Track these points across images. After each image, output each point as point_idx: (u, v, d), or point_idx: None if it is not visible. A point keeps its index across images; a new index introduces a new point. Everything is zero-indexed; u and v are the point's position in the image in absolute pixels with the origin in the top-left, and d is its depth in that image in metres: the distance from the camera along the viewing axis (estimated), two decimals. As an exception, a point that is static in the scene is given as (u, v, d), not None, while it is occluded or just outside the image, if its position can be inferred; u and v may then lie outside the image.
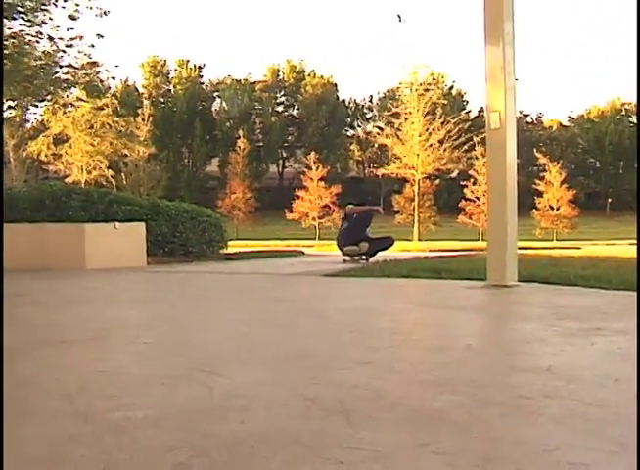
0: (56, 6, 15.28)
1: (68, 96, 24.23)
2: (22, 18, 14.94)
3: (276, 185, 76.29)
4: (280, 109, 79.02)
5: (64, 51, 16.08)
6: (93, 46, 16.64)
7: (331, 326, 3.97)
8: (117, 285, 7.46)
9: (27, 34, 15.28)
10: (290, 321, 4.21)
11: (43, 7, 15.10)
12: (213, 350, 3.19)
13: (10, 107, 19.19)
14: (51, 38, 15.73)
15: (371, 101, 79.46)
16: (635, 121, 63.74)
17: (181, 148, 73.00)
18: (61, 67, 16.40)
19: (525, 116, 77.43)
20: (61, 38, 15.89)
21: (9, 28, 14.91)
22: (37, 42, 15.60)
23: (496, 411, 2.02)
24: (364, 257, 11.28)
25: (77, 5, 15.48)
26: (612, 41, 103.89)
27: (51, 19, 15.43)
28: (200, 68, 76.03)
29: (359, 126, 78.21)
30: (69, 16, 15.52)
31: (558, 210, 51.80)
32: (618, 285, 5.71)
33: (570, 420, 1.92)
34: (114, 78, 21.68)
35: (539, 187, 52.07)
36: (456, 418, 1.94)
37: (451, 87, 71.66)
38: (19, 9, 14.75)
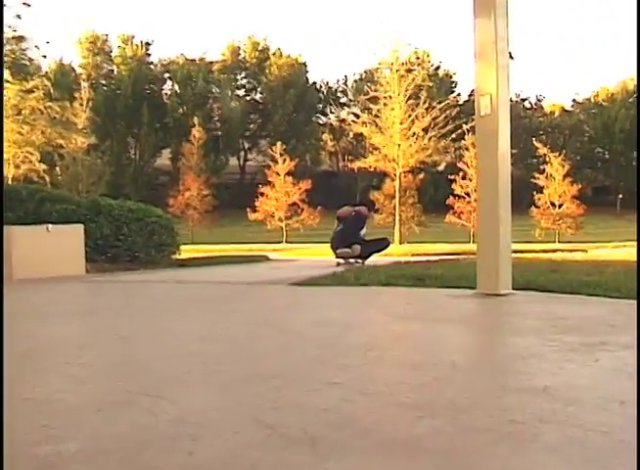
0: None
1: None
2: None
3: (237, 181, 76.21)
4: (241, 93, 79.04)
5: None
6: (19, 17, 16.17)
7: (296, 342, 3.98)
8: (50, 297, 7.39)
9: None
10: (249, 336, 4.20)
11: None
12: (160, 370, 3.17)
13: None
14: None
15: (345, 84, 79.84)
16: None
17: (126, 138, 72.61)
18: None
19: (523, 100, 78.28)
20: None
21: None
22: None
23: (483, 438, 2.04)
24: (359, 260, 12.02)
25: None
26: (623, 13, 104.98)
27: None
28: (147, 45, 75.75)
29: (332, 113, 78.61)
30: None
31: (560, 207, 51.89)
32: (627, 293, 5.76)
33: (567, 448, 1.93)
34: (45, 57, 21.40)
35: (539, 181, 52.06)
36: (437, 446, 1.95)
37: (437, 67, 72.16)
38: None
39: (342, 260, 12.12)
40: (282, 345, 3.88)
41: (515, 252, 14.76)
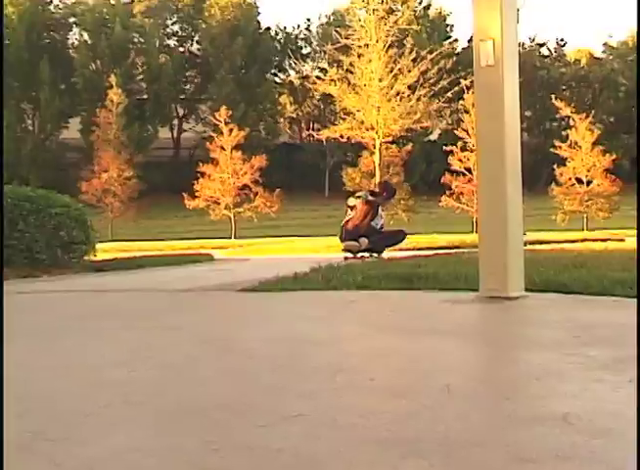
0: None
1: None
2: None
3: (170, 158, 75.90)
4: (172, 43, 78.67)
5: None
6: None
7: (246, 364, 3.99)
8: None
9: None
10: (186, 359, 4.20)
11: None
12: (66, 406, 3.16)
13: None
14: None
15: (308, 29, 79.84)
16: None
17: (21, 103, 71.85)
18: None
19: (539, 45, 78.65)
20: None
21: None
22: None
23: (484, 481, 2.06)
24: (373, 253, 13.64)
25: None
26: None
27: None
28: (46, -21, 75.07)
29: (292, 68, 78.25)
30: None
31: (589, 184, 51.80)
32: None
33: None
34: None
35: (561, 151, 51.96)
36: (425, 493, 1.97)
37: (427, 6, 72.37)
38: None
39: (350, 254, 13.65)
40: (228, 368, 3.89)
41: (529, 243, 14.83)
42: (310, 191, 67.17)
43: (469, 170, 46.82)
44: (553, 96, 56.47)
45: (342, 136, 45.54)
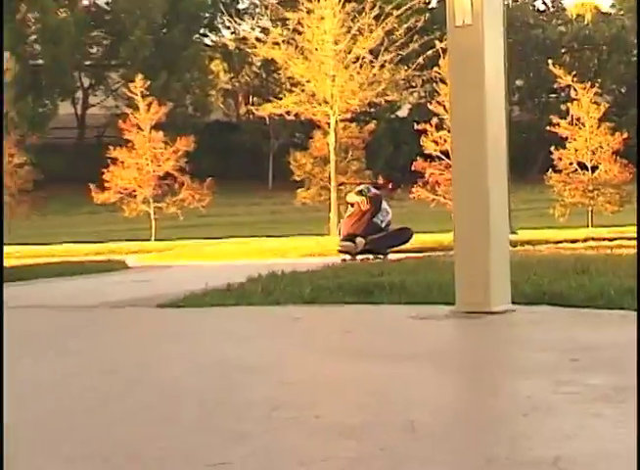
0: None
1: None
2: None
3: (73, 140, 75.44)
4: (75, -5, 78.28)
5: None
6: None
7: (163, 398, 3.99)
8: None
9: None
10: (85, 394, 4.18)
11: None
12: None
13: None
14: None
15: (246, -22, 79.70)
16: None
17: None
18: None
19: (532, -1, 79.13)
20: None
21: None
22: None
23: None
24: (379, 255, 14.36)
25: None
26: None
27: None
28: None
29: (226, 28, 78.13)
30: None
31: (595, 170, 51.81)
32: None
33: None
34: None
35: (560, 130, 51.94)
36: None
37: (394, -50, 72.49)
38: None
39: (348, 256, 14.23)
40: (138, 405, 3.88)
41: (519, 244, 14.96)
42: (250, 181, 66.91)
43: (446, 154, 46.58)
44: (550, 61, 56.48)
45: (288, 112, 45.46)
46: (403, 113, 51.89)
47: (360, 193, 15.13)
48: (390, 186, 16.21)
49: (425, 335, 5.63)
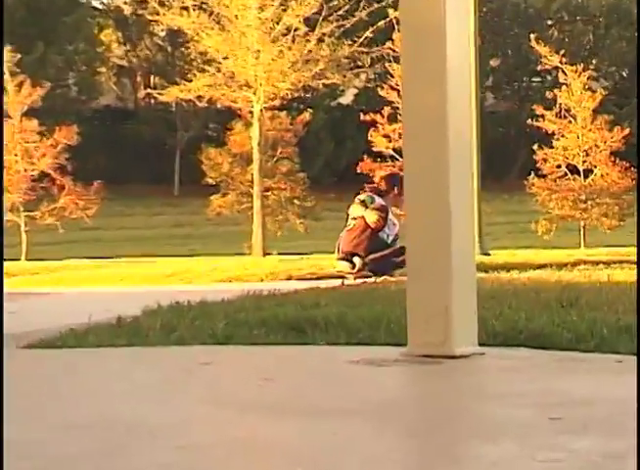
0: None
1: None
2: None
3: None
4: None
5: None
6: None
7: (19, 465, 3.85)
8: None
9: None
10: None
11: None
12: None
13: None
14: None
15: None
16: None
17: None
18: None
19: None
20: None
21: None
22: None
23: None
24: (388, 277, 14.46)
25: None
26: None
27: None
28: None
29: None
30: None
31: (588, 175, 52.09)
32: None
33: None
34: None
35: (546, 124, 51.93)
36: None
37: None
38: None
39: (348, 280, 14.66)
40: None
41: (491, 268, 15.13)
42: (150, 184, 66.99)
43: (401, 153, 46.69)
44: (533, 36, 56.47)
45: (200, 98, 45.51)
46: (347, 100, 52.16)
47: (363, 203, 15.38)
48: (396, 191, 16.00)
49: (368, 385, 5.60)
